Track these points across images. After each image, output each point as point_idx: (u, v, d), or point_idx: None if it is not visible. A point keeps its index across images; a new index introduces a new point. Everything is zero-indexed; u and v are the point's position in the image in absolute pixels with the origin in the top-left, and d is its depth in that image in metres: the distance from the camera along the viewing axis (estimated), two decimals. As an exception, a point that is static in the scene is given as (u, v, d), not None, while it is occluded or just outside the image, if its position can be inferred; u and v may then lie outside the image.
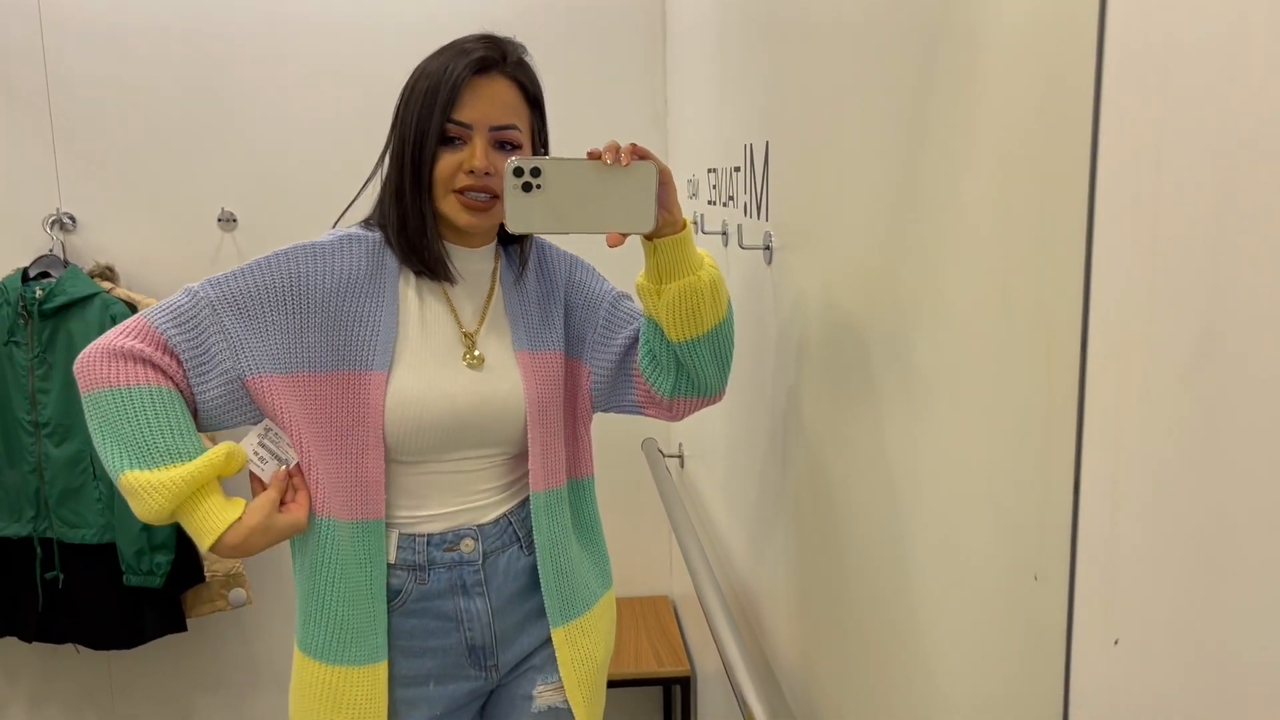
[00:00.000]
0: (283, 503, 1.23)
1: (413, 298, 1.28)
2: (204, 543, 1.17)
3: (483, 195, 1.21)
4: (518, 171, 1.12)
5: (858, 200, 1.00)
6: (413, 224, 1.24)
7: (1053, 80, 0.62)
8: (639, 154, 1.12)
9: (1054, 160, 0.62)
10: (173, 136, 2.42)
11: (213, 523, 1.17)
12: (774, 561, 1.45)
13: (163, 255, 2.45)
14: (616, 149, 1.12)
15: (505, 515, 1.32)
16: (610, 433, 2.60)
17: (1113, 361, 0.56)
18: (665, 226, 1.17)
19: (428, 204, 1.23)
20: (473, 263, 1.31)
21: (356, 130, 2.40)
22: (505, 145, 1.23)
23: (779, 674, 1.43)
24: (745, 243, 1.49)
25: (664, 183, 1.14)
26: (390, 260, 1.27)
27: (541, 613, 1.35)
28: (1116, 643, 0.58)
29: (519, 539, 1.32)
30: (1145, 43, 0.53)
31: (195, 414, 1.21)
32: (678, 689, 2.42)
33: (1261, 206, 0.45)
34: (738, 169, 1.61)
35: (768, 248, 1.40)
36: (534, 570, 1.34)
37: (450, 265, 1.27)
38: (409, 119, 1.22)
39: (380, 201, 1.29)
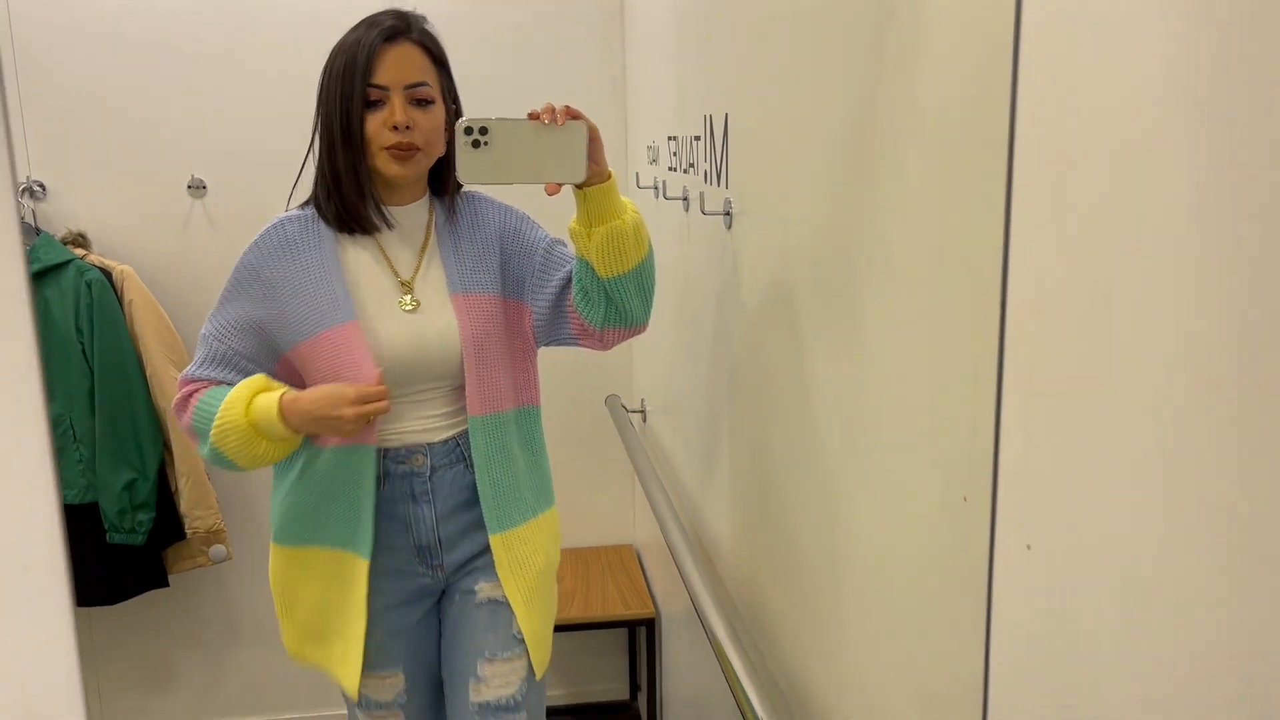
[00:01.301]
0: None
1: (350, 256, 1.48)
2: (275, 425, 1.39)
3: (403, 148, 1.41)
4: (468, 130, 1.30)
5: (811, 169, 1.10)
6: (346, 181, 1.43)
7: (980, 68, 0.72)
8: (572, 114, 1.32)
9: (980, 139, 0.72)
10: (142, 104, 2.46)
11: (269, 400, 1.40)
12: (733, 501, 1.57)
13: (133, 222, 2.49)
14: (553, 110, 1.31)
15: (454, 438, 1.52)
16: (575, 390, 2.71)
17: (1026, 313, 0.68)
18: (594, 177, 1.35)
19: (360, 161, 1.42)
20: (406, 217, 1.51)
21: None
22: (419, 101, 1.43)
23: (736, 603, 1.55)
24: (707, 209, 1.59)
25: (593, 139, 1.33)
26: (324, 229, 1.48)
27: (482, 524, 1.53)
28: (1029, 548, 0.69)
29: (465, 459, 1.53)
30: (1055, 37, 0.63)
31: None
32: (642, 630, 2.55)
33: (1149, 180, 0.56)
34: (698, 138, 1.70)
35: (728, 213, 1.50)
36: (475, 486, 1.53)
37: (383, 213, 1.47)
38: (333, 92, 1.42)
39: (316, 173, 1.48)
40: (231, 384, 1.44)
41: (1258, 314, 0.47)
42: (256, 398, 1.41)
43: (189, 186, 2.50)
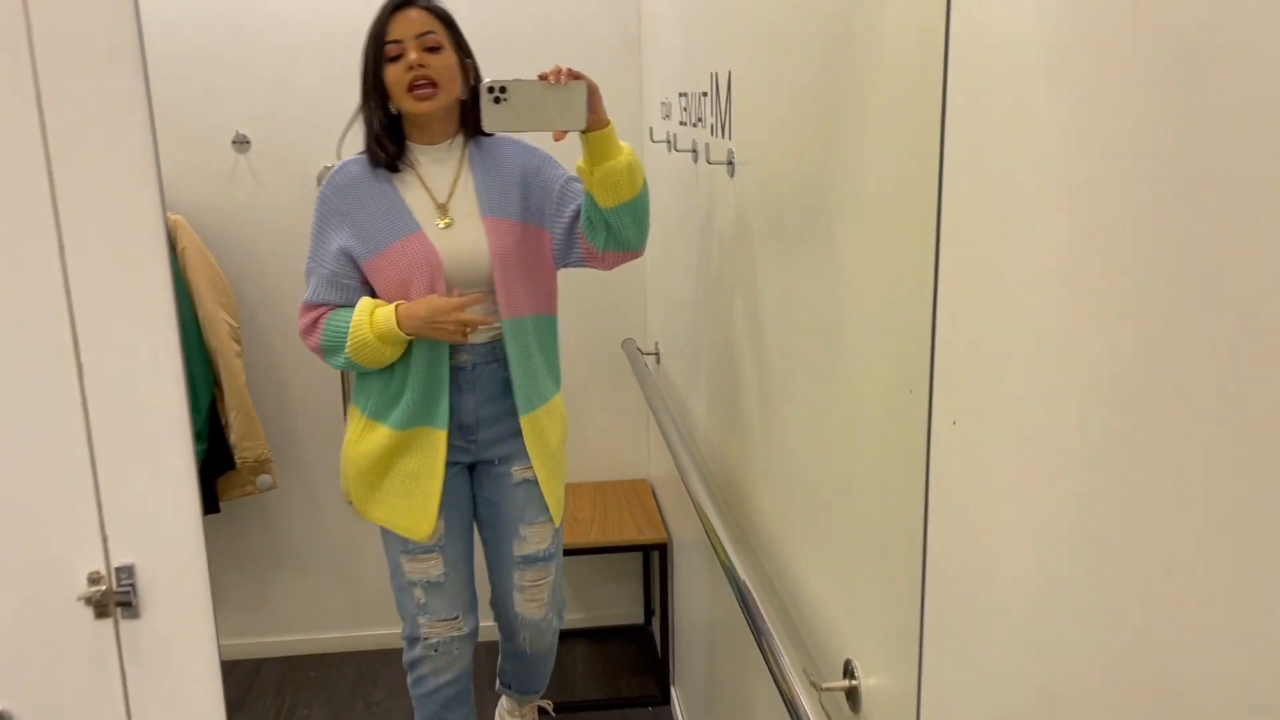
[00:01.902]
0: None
1: (398, 186, 1.85)
2: (396, 333, 1.77)
3: (425, 84, 1.76)
4: (490, 89, 1.62)
5: (799, 123, 1.27)
6: (379, 126, 1.82)
7: (916, 50, 0.89)
8: (574, 75, 1.63)
9: (920, 101, 0.89)
10: (188, 63, 2.63)
11: (385, 314, 1.78)
12: (736, 428, 1.75)
13: (183, 176, 2.67)
14: (559, 71, 1.63)
15: (490, 341, 1.90)
16: (593, 335, 2.89)
17: (956, 236, 0.85)
18: (594, 125, 1.67)
19: (387, 107, 1.80)
20: (440, 153, 1.87)
21: (354, 59, 2.63)
22: (430, 49, 1.77)
23: (742, 527, 1.74)
24: (712, 159, 1.76)
25: (592, 94, 1.65)
26: (378, 169, 1.85)
27: (512, 411, 1.92)
28: (954, 423, 0.87)
29: (499, 358, 1.91)
30: (981, 27, 0.80)
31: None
32: (656, 554, 2.75)
33: (1035, 127, 0.73)
34: (705, 94, 1.86)
35: (730, 163, 1.67)
36: (508, 381, 1.90)
37: (410, 149, 1.85)
38: (364, 58, 1.80)
39: (364, 124, 1.86)
40: (344, 305, 1.82)
41: (1138, 216, 0.65)
42: (375, 314, 1.77)
43: (233, 142, 2.68)
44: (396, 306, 1.78)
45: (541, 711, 2.53)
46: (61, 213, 0.80)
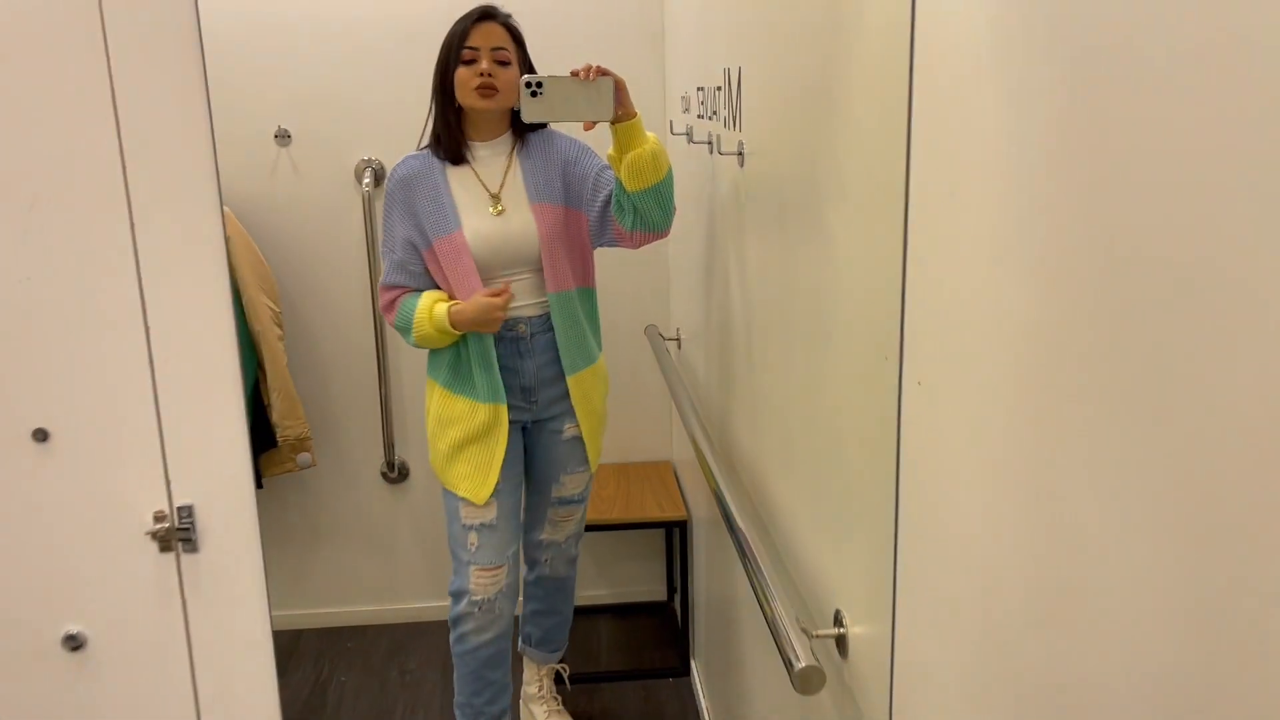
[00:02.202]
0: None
1: (455, 179, 2.11)
2: (448, 329, 2.05)
3: (489, 89, 2.01)
4: (528, 84, 1.84)
5: (797, 116, 1.37)
6: (446, 122, 2.07)
7: (886, 59, 0.99)
8: (602, 71, 1.85)
9: (890, 102, 0.99)
10: (230, 59, 2.77)
11: (441, 311, 2.05)
12: (750, 410, 1.85)
13: (227, 168, 2.81)
14: (589, 68, 1.84)
15: (544, 314, 2.17)
16: (619, 322, 3.00)
17: (921, 222, 0.95)
18: (622, 116, 1.89)
19: (456, 107, 2.05)
20: (493, 149, 2.13)
21: (398, 52, 2.75)
22: (500, 62, 2.02)
23: (755, 506, 1.84)
24: (723, 150, 1.86)
25: (619, 89, 1.87)
26: (436, 162, 2.07)
27: (562, 373, 2.17)
28: (920, 383, 0.97)
29: (551, 327, 2.18)
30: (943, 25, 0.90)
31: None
32: (677, 531, 2.86)
33: (984, 129, 0.83)
34: (719, 89, 1.97)
35: (740, 154, 1.77)
36: (557, 345, 2.16)
37: (469, 144, 2.11)
38: (441, 58, 2.04)
39: (432, 121, 2.11)
40: (414, 289, 2.11)
41: (1061, 197, 0.75)
42: (434, 310, 2.05)
43: (275, 136, 2.82)
44: (450, 306, 2.05)
45: (558, 679, 2.65)
46: (132, 191, 0.92)
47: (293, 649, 3.05)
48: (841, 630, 1.28)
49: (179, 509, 1.00)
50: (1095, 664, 0.68)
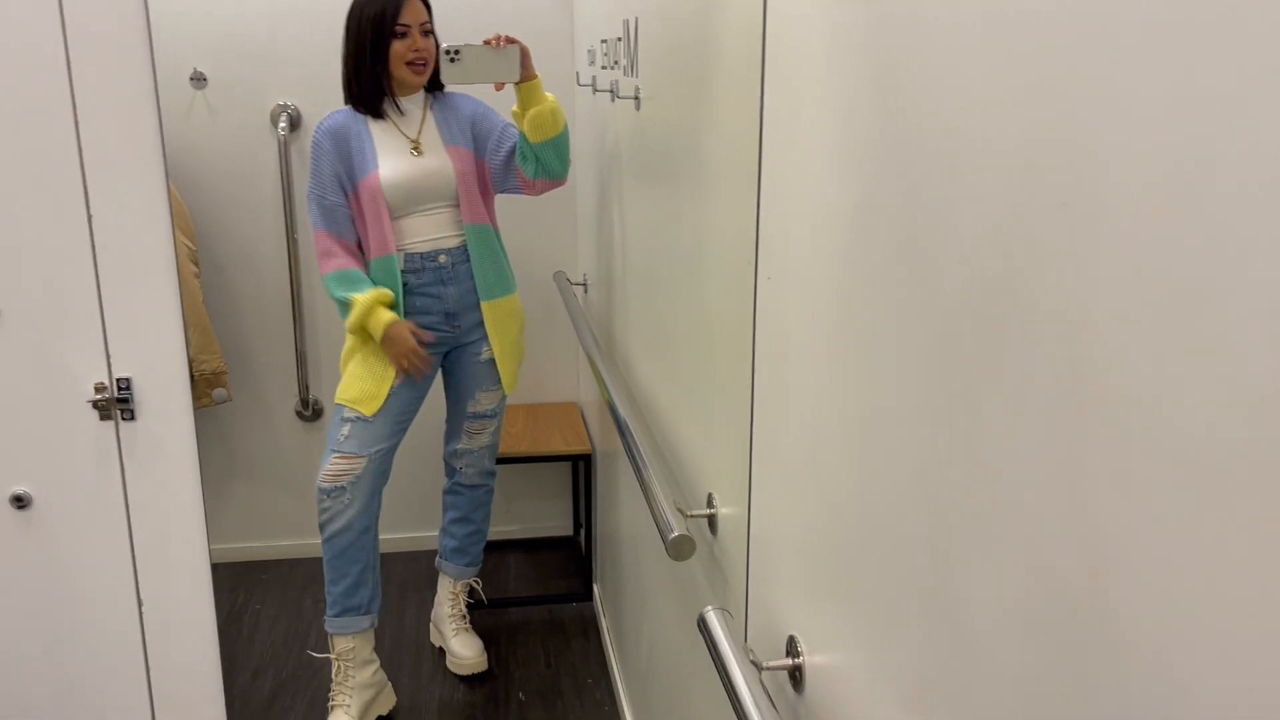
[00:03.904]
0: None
1: (377, 130, 2.30)
2: (376, 335, 2.32)
3: (420, 62, 2.31)
4: (447, 51, 2.15)
5: (686, 67, 1.53)
6: (371, 85, 2.32)
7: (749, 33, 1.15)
8: (510, 40, 2.17)
9: (752, 44, 1.16)
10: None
11: (379, 322, 2.31)
12: (649, 343, 2.02)
13: (143, 108, 2.87)
14: (499, 37, 2.17)
15: (461, 245, 2.45)
16: (529, 268, 3.14)
17: (770, 165, 1.12)
18: (526, 78, 2.20)
19: (384, 73, 2.31)
20: (411, 104, 2.40)
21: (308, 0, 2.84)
22: (425, 33, 2.31)
23: (655, 436, 2.01)
24: (621, 94, 2.01)
25: (524, 54, 2.18)
26: (359, 115, 2.32)
27: (479, 302, 2.41)
28: (769, 279, 1.15)
29: (469, 258, 2.46)
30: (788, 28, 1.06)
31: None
32: (582, 465, 3.03)
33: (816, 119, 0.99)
34: (620, 39, 2.12)
35: (637, 98, 1.92)
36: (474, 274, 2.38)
37: (395, 105, 2.37)
38: (365, 27, 2.28)
39: (348, 83, 2.35)
40: (339, 234, 2.34)
41: (863, 158, 0.92)
42: (370, 317, 2.30)
43: (191, 78, 2.88)
44: (388, 327, 2.31)
45: (472, 598, 2.81)
46: (76, 87, 1.04)
47: (208, 581, 3.14)
48: (713, 510, 1.46)
49: (118, 380, 1.12)
50: (897, 513, 0.86)
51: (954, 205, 0.70)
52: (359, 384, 2.40)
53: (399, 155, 2.35)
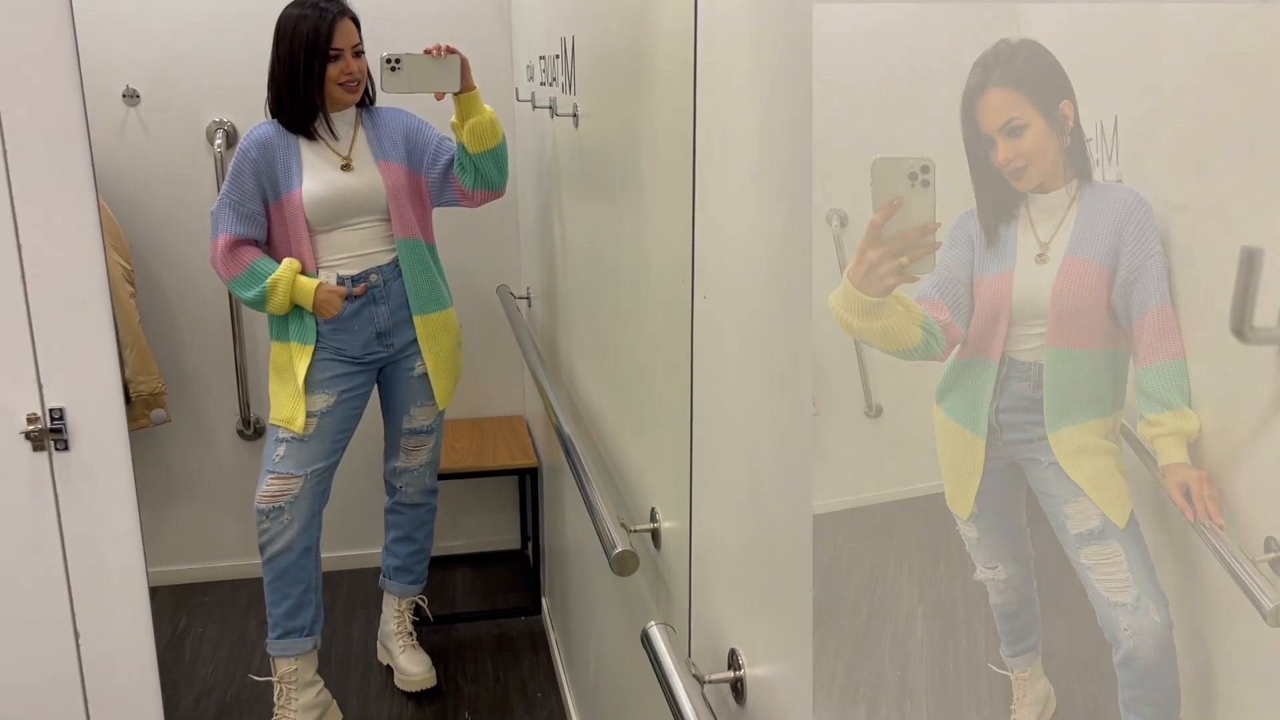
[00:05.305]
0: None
1: (307, 147, 2.29)
2: (305, 303, 2.28)
3: (353, 83, 2.29)
4: (387, 60, 2.10)
5: (621, 87, 1.55)
6: (303, 106, 2.27)
7: (678, 25, 1.18)
8: (450, 50, 2.17)
9: (684, 65, 1.18)
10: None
11: (309, 286, 2.27)
12: (594, 356, 2.03)
13: (74, 126, 2.82)
14: (439, 47, 2.16)
15: (393, 261, 2.41)
16: (472, 282, 3.14)
17: (704, 190, 1.14)
18: (465, 89, 2.20)
19: (317, 93, 2.27)
20: (342, 119, 2.36)
21: (249, 15, 2.81)
22: (357, 54, 2.29)
23: (599, 449, 2.02)
24: (559, 111, 2.03)
25: (464, 65, 2.18)
26: (287, 133, 2.28)
27: (412, 316, 2.38)
28: (705, 297, 1.17)
29: (399, 275, 2.32)
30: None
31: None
32: (528, 479, 3.03)
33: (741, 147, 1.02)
34: (558, 56, 2.13)
35: (575, 115, 1.94)
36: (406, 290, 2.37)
37: (327, 125, 2.33)
38: (297, 49, 2.23)
39: (276, 101, 2.29)
40: (257, 241, 2.30)
41: (781, 178, 0.94)
42: (301, 280, 2.26)
43: (123, 95, 2.84)
44: (315, 293, 2.28)
45: (419, 615, 2.80)
46: (4, 124, 1.02)
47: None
48: (656, 525, 1.48)
49: (51, 410, 1.10)
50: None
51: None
52: (285, 404, 2.36)
53: (326, 172, 2.31)
